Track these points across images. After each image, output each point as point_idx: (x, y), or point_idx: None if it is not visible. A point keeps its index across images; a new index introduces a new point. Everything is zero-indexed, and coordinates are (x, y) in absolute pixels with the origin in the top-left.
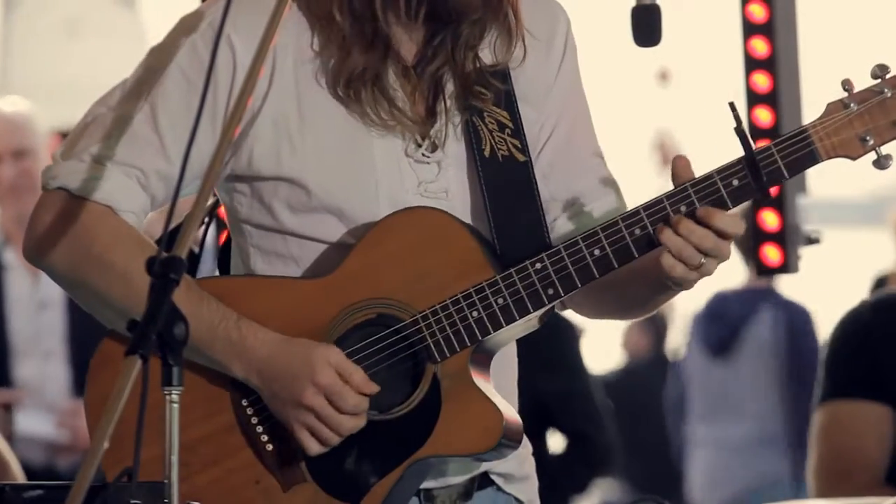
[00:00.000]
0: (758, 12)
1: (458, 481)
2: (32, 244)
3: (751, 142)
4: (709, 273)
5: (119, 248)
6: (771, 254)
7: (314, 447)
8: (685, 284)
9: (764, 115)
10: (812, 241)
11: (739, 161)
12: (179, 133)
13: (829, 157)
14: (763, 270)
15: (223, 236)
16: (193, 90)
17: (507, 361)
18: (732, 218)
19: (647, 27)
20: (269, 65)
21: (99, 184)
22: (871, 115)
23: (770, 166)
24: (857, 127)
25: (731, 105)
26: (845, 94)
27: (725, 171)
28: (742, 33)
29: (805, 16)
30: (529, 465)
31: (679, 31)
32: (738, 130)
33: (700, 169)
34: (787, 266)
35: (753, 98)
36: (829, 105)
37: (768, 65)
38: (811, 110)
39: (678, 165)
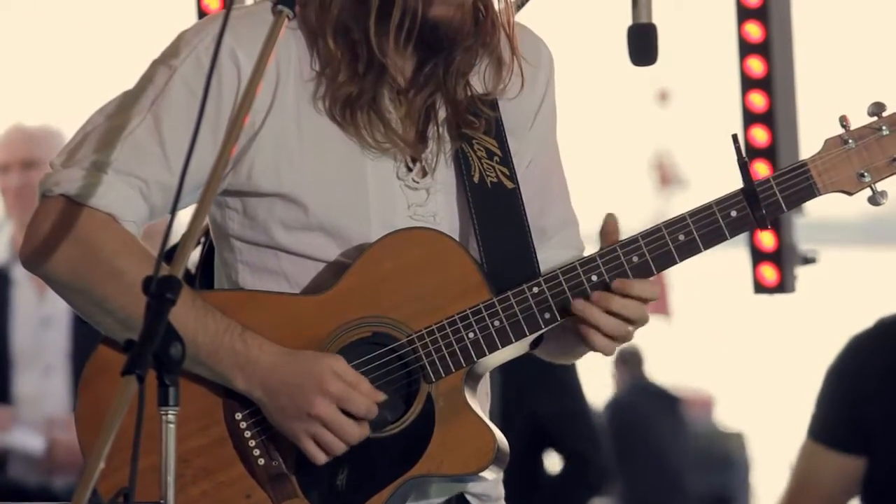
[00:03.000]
0: (754, 32)
1: (437, 502)
2: (32, 249)
3: (751, 174)
4: (626, 339)
5: (128, 257)
6: (767, 274)
7: (320, 457)
8: (607, 353)
9: (760, 135)
10: (808, 260)
11: (738, 192)
12: (183, 144)
13: (827, 192)
14: (759, 290)
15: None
16: (197, 102)
17: (483, 386)
18: (646, 283)
19: (643, 47)
20: (272, 80)
21: (101, 192)
22: (868, 152)
23: (769, 199)
24: (854, 163)
25: (734, 137)
26: (843, 130)
27: (724, 202)
28: (738, 53)
29: (801, 36)
30: (501, 488)
31: (676, 50)
32: (741, 163)
33: (696, 188)
34: (784, 286)
35: (749, 117)
36: (827, 141)
37: (764, 84)
38: (807, 130)
39: (607, 225)
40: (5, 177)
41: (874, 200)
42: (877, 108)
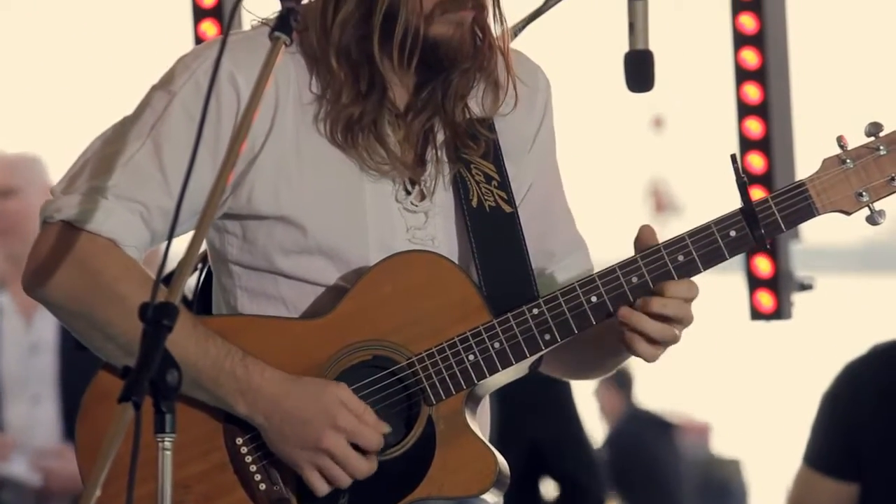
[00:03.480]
0: (750, 58)
1: None
2: (32, 273)
3: (750, 194)
4: (673, 342)
5: (129, 282)
6: (764, 300)
7: (323, 488)
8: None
9: (757, 161)
10: (805, 287)
11: (737, 212)
12: (183, 169)
13: (826, 212)
14: (756, 317)
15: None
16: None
17: (483, 409)
18: (686, 282)
19: (640, 73)
20: (271, 104)
21: (102, 217)
22: (866, 172)
23: (768, 219)
24: (853, 183)
25: (733, 157)
26: (840, 150)
27: (723, 223)
28: (735, 79)
29: (798, 62)
30: None
31: (672, 77)
32: (739, 183)
33: (691, 215)
34: (780, 312)
35: (746, 144)
36: (825, 161)
37: (761, 111)
38: (804, 156)
39: (643, 233)
40: None
41: (872, 220)
42: (874, 128)
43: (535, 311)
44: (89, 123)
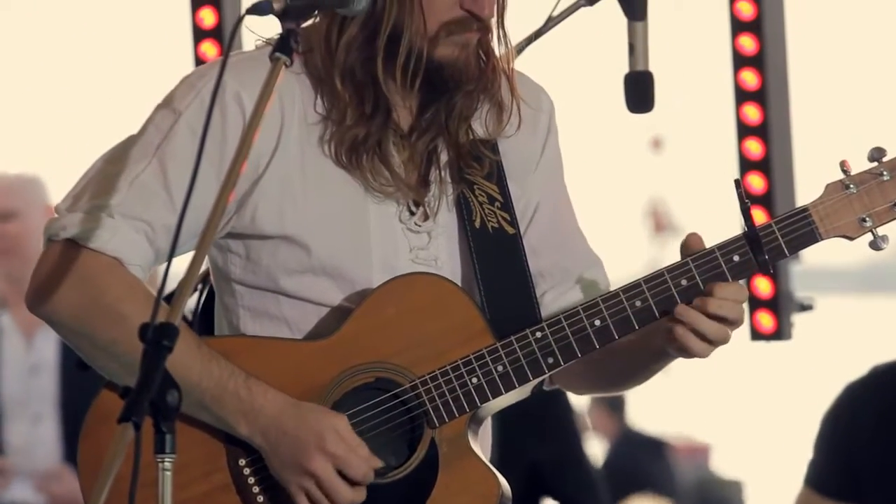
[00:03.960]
0: (750, 79)
1: None
2: (36, 291)
3: (753, 219)
4: (725, 341)
5: (133, 301)
6: (764, 321)
7: None
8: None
9: (757, 182)
10: (805, 308)
11: (740, 237)
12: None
13: (829, 237)
14: (756, 337)
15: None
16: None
17: (485, 430)
18: (735, 286)
19: (640, 94)
20: (276, 124)
21: (106, 236)
22: (869, 197)
23: (771, 244)
24: (856, 208)
25: (737, 182)
26: (843, 175)
27: (727, 247)
28: (734, 100)
29: (797, 83)
30: None
31: (672, 97)
32: (743, 208)
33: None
34: (780, 333)
35: (746, 164)
36: (828, 185)
37: (761, 131)
38: (804, 177)
39: (690, 240)
40: None
41: (875, 245)
42: (877, 154)
43: (539, 334)
44: (90, 143)
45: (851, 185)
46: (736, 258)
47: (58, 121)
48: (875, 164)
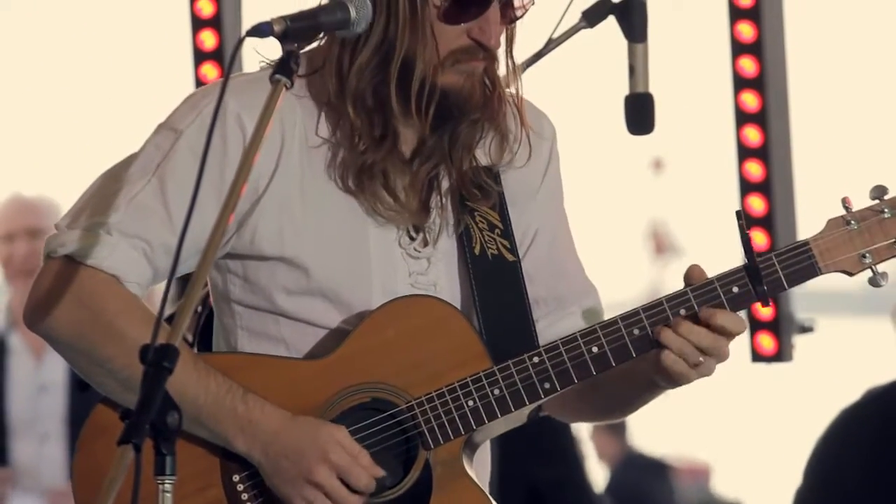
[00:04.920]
0: (750, 101)
1: None
2: (35, 309)
3: (754, 251)
4: (708, 373)
5: (130, 318)
6: (765, 342)
7: None
8: (684, 382)
9: (757, 204)
10: (806, 329)
11: (740, 269)
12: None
13: (828, 271)
14: (757, 359)
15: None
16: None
17: (483, 454)
18: (733, 317)
19: (640, 116)
20: (276, 146)
21: (106, 253)
22: (870, 234)
23: (771, 276)
24: (856, 244)
25: (738, 213)
26: (845, 211)
27: (726, 278)
28: (735, 122)
29: (797, 104)
30: None
31: (672, 119)
32: (744, 240)
33: (691, 257)
34: (781, 355)
35: (746, 186)
36: (829, 221)
37: (761, 153)
38: (803, 198)
39: (691, 271)
40: (10, 245)
41: (874, 282)
42: (879, 192)
43: (536, 359)
44: (90, 164)
45: (852, 222)
46: (735, 289)
47: (58, 141)
48: (877, 201)
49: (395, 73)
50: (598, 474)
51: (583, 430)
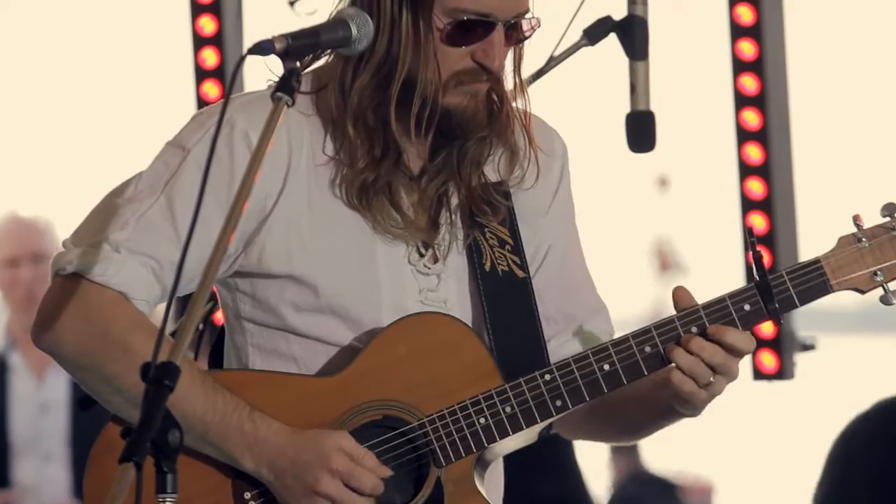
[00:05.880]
0: (752, 119)
1: None
2: (41, 325)
3: (765, 268)
4: (718, 393)
5: (137, 335)
6: (766, 360)
7: None
8: (695, 404)
9: (759, 221)
10: (807, 347)
11: (751, 287)
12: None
13: (840, 289)
14: (759, 377)
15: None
16: (210, 183)
17: (495, 473)
18: (743, 335)
19: (641, 133)
20: (283, 164)
21: (113, 270)
22: (882, 252)
23: (782, 294)
24: (868, 262)
25: (748, 231)
26: (856, 229)
27: (738, 296)
28: (736, 139)
29: (799, 123)
30: None
31: (673, 137)
32: (755, 257)
33: (696, 274)
34: (783, 373)
35: (748, 204)
36: (840, 238)
37: (762, 171)
38: (805, 216)
39: (679, 295)
40: (14, 270)
41: (886, 300)
42: (890, 209)
43: (548, 377)
44: (94, 183)
45: (864, 239)
46: (747, 307)
47: (61, 161)
48: (888, 218)
49: (395, 93)
50: (602, 490)
51: (601, 447)
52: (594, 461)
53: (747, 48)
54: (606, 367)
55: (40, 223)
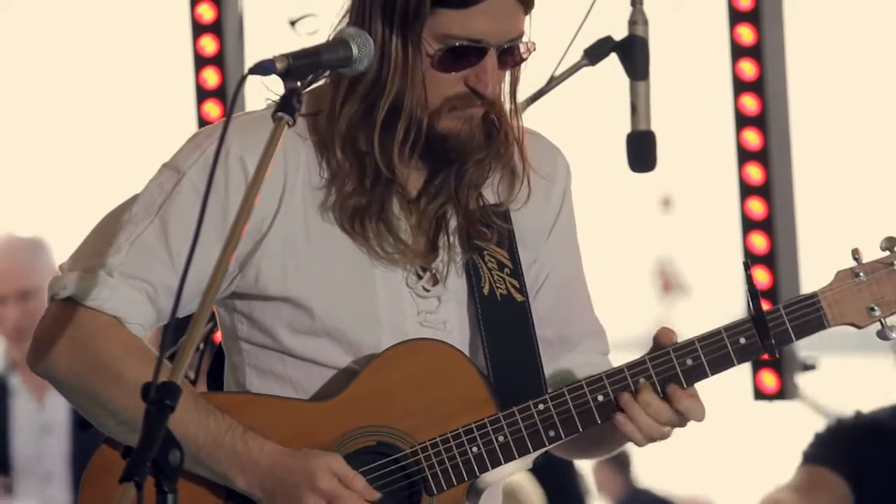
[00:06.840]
0: (753, 139)
1: None
2: (36, 350)
3: (761, 302)
4: (665, 437)
5: (130, 359)
6: (767, 380)
7: None
8: (636, 443)
9: (759, 241)
10: (808, 367)
11: (747, 320)
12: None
13: (837, 324)
14: (759, 397)
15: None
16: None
17: (492, 498)
18: (697, 405)
19: (642, 153)
20: (279, 185)
21: (108, 295)
22: (879, 286)
23: (778, 328)
24: (865, 296)
25: (746, 264)
26: (854, 263)
27: (733, 329)
28: (737, 160)
29: (799, 143)
30: None
31: (675, 157)
32: (752, 292)
33: (698, 295)
34: (784, 393)
35: (748, 224)
36: (838, 273)
37: (763, 191)
38: (806, 236)
39: (661, 335)
40: (1, 308)
41: (883, 335)
42: (889, 244)
43: (541, 406)
44: (92, 205)
45: (862, 273)
46: (742, 340)
47: (61, 181)
48: (887, 253)
49: (380, 118)
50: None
51: (585, 465)
52: (587, 481)
53: (748, 68)
54: (600, 397)
55: (27, 258)
